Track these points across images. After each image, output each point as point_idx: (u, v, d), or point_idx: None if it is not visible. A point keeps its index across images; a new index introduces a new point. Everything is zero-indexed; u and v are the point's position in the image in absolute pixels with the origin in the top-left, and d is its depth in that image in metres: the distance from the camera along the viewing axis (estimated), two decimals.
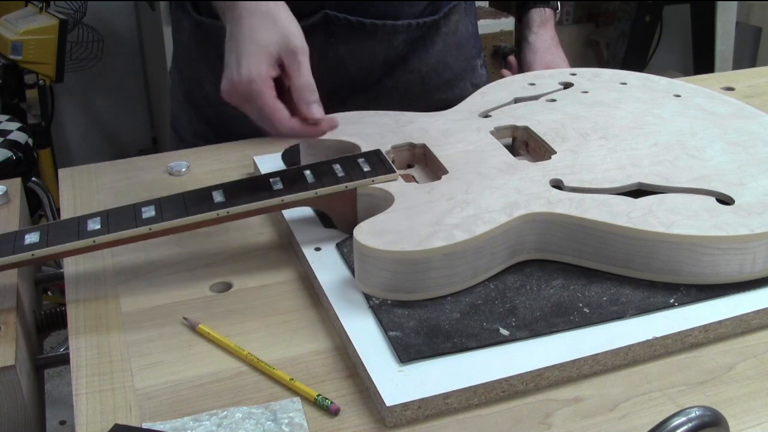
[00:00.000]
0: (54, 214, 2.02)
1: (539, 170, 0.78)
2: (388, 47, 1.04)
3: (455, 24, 1.08)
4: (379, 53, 1.03)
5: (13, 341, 0.67)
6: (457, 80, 1.11)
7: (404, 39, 1.04)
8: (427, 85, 1.08)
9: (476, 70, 1.15)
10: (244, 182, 0.77)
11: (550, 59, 1.16)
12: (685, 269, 0.70)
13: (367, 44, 1.02)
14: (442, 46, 1.07)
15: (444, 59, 1.08)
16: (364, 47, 1.02)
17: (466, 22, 1.11)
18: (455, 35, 1.09)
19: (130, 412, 0.60)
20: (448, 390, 0.59)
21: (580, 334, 0.65)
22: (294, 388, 0.62)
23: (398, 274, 0.67)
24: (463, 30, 1.11)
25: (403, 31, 1.03)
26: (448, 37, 1.08)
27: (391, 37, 1.03)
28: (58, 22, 2.23)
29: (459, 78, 1.11)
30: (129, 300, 0.73)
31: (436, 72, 1.08)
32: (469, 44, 1.12)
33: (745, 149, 0.82)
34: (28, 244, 0.69)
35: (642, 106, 0.91)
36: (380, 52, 1.03)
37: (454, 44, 1.09)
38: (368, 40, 1.02)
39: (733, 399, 0.61)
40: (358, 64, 1.03)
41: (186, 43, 1.09)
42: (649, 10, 2.63)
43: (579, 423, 0.59)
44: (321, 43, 1.00)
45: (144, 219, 0.72)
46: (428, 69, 1.07)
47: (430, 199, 0.73)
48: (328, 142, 0.84)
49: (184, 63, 1.12)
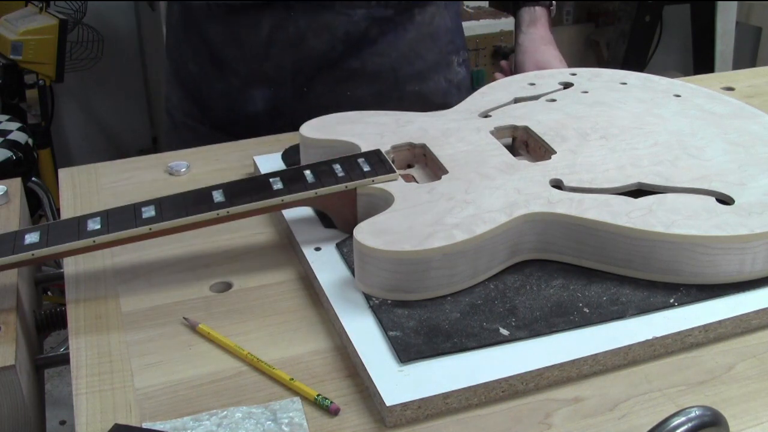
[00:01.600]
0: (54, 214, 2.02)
1: (539, 170, 0.78)
2: (347, 21, 1.05)
3: (431, 16, 1.10)
4: (338, 26, 1.05)
5: (13, 341, 0.67)
6: (429, 72, 1.11)
7: (365, 15, 1.05)
8: (398, 72, 1.09)
9: (452, 66, 1.15)
10: (244, 182, 0.77)
11: (540, 58, 1.15)
12: (685, 269, 0.70)
13: (326, 16, 1.04)
14: (415, 35, 1.08)
15: (416, 48, 1.09)
16: (324, 21, 1.04)
17: (445, 16, 1.12)
18: (430, 26, 1.10)
19: (130, 412, 0.60)
20: (448, 390, 0.59)
21: (580, 334, 0.65)
22: (294, 388, 0.62)
23: (398, 274, 0.67)
24: (440, 23, 1.11)
25: (361, 5, 1.04)
26: (422, 27, 1.09)
27: (348, 10, 1.04)
28: (58, 22, 2.23)
29: (432, 71, 1.12)
30: (129, 300, 0.73)
31: (407, 60, 1.09)
32: (446, 39, 1.13)
33: (745, 149, 0.82)
34: (28, 244, 0.69)
35: (642, 106, 0.91)
36: (340, 26, 1.05)
37: (428, 35, 1.10)
38: (326, 13, 1.03)
39: (733, 399, 0.61)
40: (319, 38, 1.05)
41: (175, 25, 1.15)
42: (649, 10, 2.63)
43: (579, 423, 0.59)
44: (281, 17, 1.03)
45: (144, 219, 0.72)
46: (398, 55, 1.08)
47: (430, 199, 0.73)
48: (328, 142, 0.84)
49: (174, 44, 1.16)
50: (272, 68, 1.07)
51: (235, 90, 1.10)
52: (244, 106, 1.10)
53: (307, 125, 0.87)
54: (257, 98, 1.10)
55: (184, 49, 1.15)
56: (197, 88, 1.15)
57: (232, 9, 1.05)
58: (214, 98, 1.13)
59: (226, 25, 1.06)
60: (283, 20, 1.04)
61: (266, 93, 1.09)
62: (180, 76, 1.17)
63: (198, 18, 1.09)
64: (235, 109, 1.11)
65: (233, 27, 1.06)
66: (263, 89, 1.09)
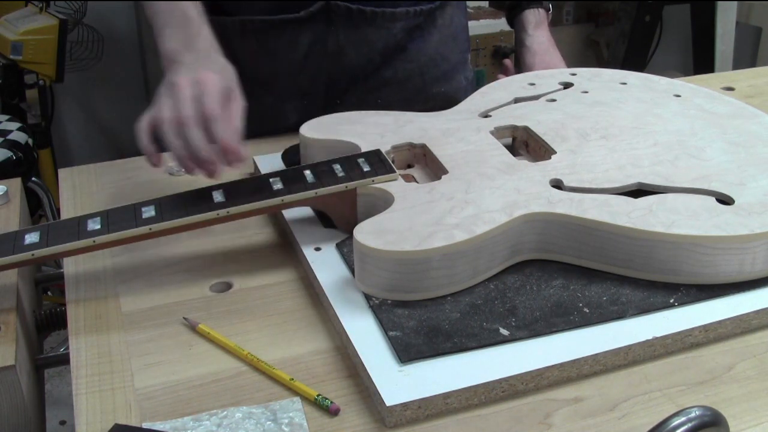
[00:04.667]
0: (54, 214, 2.01)
1: (539, 170, 0.78)
2: (387, 34, 1.04)
3: (450, 16, 1.09)
4: (378, 41, 1.04)
5: (13, 341, 0.67)
6: (453, 73, 1.11)
7: (402, 26, 1.04)
8: (425, 76, 1.09)
9: (467, 64, 1.15)
10: (244, 182, 0.77)
11: (549, 60, 1.15)
12: (685, 269, 0.70)
13: (367, 32, 1.03)
14: (439, 37, 1.08)
15: (441, 50, 1.09)
16: (363, 35, 1.03)
17: (460, 15, 1.12)
18: (450, 27, 1.10)
19: (130, 412, 0.60)
20: (448, 390, 0.59)
21: (580, 334, 0.65)
22: (294, 388, 0.62)
23: (398, 274, 0.67)
24: (458, 23, 1.11)
25: (401, 18, 1.04)
26: (444, 29, 1.08)
27: (389, 24, 1.03)
28: (58, 22, 2.23)
29: (455, 71, 1.12)
30: (129, 300, 0.73)
31: (435, 63, 1.09)
32: (463, 37, 1.13)
33: (745, 149, 0.82)
34: (28, 244, 0.69)
35: (642, 106, 0.91)
36: (379, 40, 1.04)
37: (450, 36, 1.10)
38: (367, 28, 1.02)
39: (733, 399, 0.61)
40: (358, 52, 1.04)
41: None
42: (649, 10, 2.62)
43: (579, 423, 0.59)
44: (321, 31, 1.01)
45: (144, 219, 0.72)
46: (426, 59, 1.08)
47: (430, 199, 0.73)
48: (328, 142, 0.84)
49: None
50: (306, 81, 1.04)
51: (267, 107, 1.05)
52: (276, 122, 1.06)
53: (307, 125, 0.87)
54: (289, 112, 1.06)
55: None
56: None
57: (271, 25, 1.01)
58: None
59: (262, 42, 1.02)
60: (322, 34, 1.01)
61: (298, 105, 1.06)
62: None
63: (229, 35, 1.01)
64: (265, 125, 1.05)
65: (269, 43, 1.02)
66: (295, 101, 1.06)
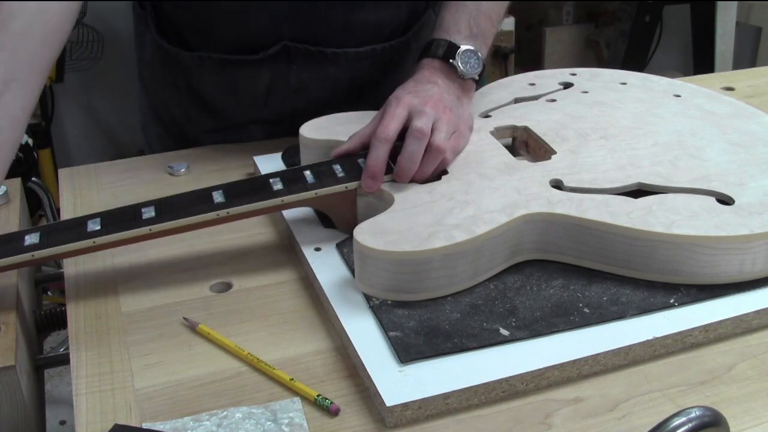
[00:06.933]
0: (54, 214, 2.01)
1: (539, 170, 0.78)
2: (352, 73, 1.00)
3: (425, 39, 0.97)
4: (342, 78, 1.00)
5: (13, 341, 0.67)
6: None
7: (370, 64, 1.01)
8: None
9: None
10: (244, 182, 0.77)
11: None
12: (685, 269, 0.70)
13: (330, 71, 0.99)
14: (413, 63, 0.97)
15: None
16: (327, 73, 0.99)
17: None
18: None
19: (130, 412, 0.61)
20: (448, 390, 0.59)
21: (580, 334, 0.65)
22: (294, 388, 0.62)
23: (398, 275, 0.67)
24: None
25: (367, 56, 1.00)
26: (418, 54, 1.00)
27: (355, 63, 1.00)
28: None
29: None
30: (129, 300, 0.73)
31: None
32: None
33: (745, 149, 0.82)
34: (28, 245, 0.69)
35: (642, 106, 0.91)
36: (344, 77, 1.00)
37: None
38: (330, 67, 0.99)
39: (733, 399, 0.61)
40: (322, 88, 1.00)
41: (149, 60, 1.06)
42: (649, 10, 2.62)
43: (579, 423, 0.59)
44: (282, 69, 0.97)
45: (144, 219, 0.71)
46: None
47: (430, 200, 0.73)
48: (328, 143, 0.84)
49: (149, 78, 1.08)
50: (270, 113, 1.02)
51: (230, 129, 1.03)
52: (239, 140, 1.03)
53: (307, 125, 0.87)
54: (254, 132, 1.04)
55: (164, 89, 1.05)
56: (181, 131, 1.06)
57: (227, 62, 0.98)
58: (202, 139, 1.04)
59: (221, 76, 0.99)
60: (283, 72, 0.98)
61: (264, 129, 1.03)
62: (159, 114, 1.09)
63: (185, 66, 1.00)
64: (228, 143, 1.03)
65: (228, 78, 0.99)
66: (259, 127, 1.03)
